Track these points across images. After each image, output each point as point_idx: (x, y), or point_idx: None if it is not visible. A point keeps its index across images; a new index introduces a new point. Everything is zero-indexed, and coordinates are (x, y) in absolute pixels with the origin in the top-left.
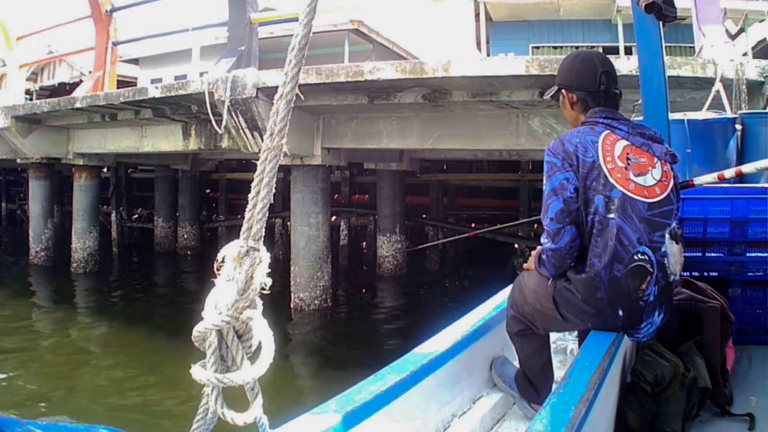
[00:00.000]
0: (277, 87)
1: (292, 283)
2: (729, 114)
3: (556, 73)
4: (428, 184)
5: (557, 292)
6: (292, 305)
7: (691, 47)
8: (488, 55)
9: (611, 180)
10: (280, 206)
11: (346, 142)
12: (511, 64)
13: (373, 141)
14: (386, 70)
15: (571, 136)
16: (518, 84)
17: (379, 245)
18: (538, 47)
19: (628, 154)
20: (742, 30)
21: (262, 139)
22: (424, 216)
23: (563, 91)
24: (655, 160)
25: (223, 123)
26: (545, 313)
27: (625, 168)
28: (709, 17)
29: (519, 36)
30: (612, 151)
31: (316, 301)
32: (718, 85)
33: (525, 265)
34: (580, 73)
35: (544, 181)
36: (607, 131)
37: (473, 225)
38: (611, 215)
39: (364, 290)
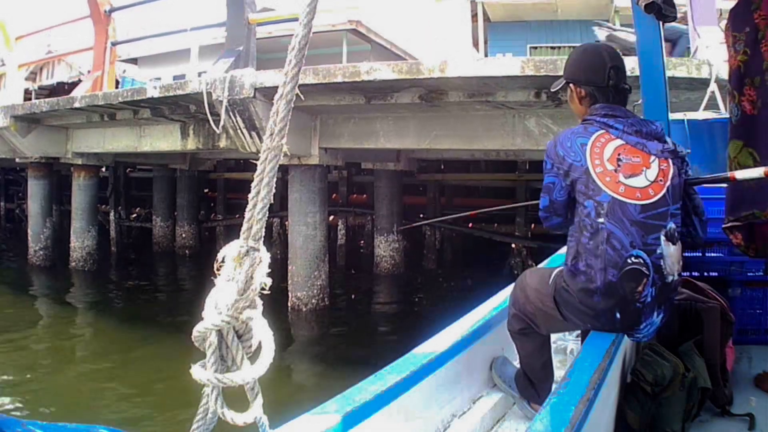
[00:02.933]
0: (274, 87)
1: (289, 282)
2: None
3: (551, 74)
4: (425, 183)
5: (557, 293)
6: (289, 304)
7: (686, 48)
8: (486, 55)
9: (599, 184)
10: (277, 206)
11: (344, 142)
12: (506, 64)
13: (370, 141)
14: (383, 71)
15: (564, 139)
16: (514, 84)
17: (376, 245)
18: (536, 47)
19: (619, 155)
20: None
21: (260, 139)
22: (421, 215)
23: (571, 85)
24: (651, 158)
25: (221, 123)
26: (547, 313)
27: (615, 170)
28: (705, 18)
29: (517, 36)
30: (601, 154)
31: (313, 300)
32: (713, 86)
33: None
34: (589, 67)
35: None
36: (601, 131)
37: (470, 225)
38: (601, 219)
39: (361, 289)
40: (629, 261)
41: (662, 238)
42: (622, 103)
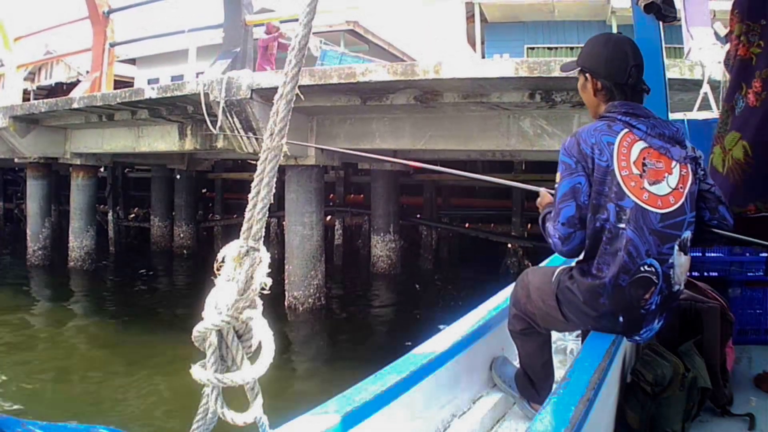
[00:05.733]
0: (271, 88)
1: (286, 281)
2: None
3: (544, 75)
4: (422, 184)
5: (560, 291)
6: (286, 303)
7: (680, 48)
8: (483, 56)
9: (624, 189)
10: (275, 206)
11: (340, 142)
12: (500, 66)
13: (366, 141)
14: (378, 72)
15: (587, 135)
16: (508, 86)
17: (373, 244)
18: (533, 48)
19: (644, 158)
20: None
21: (257, 140)
22: (418, 216)
23: (588, 75)
24: (673, 164)
25: (218, 123)
26: (548, 312)
27: (640, 175)
28: (698, 19)
29: (514, 37)
30: (628, 156)
31: (310, 300)
32: (705, 87)
33: (538, 201)
34: (611, 62)
35: (558, 180)
36: (626, 130)
37: (467, 225)
38: (622, 225)
39: (357, 289)
40: (642, 269)
41: (676, 247)
42: (638, 103)
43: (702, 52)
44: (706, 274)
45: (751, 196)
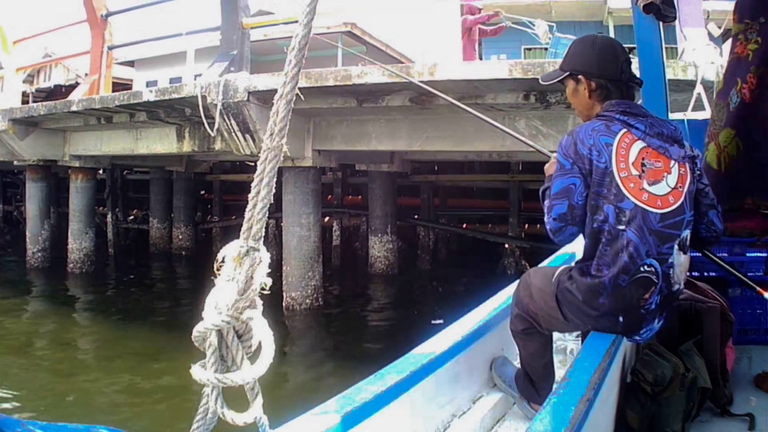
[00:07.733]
0: (268, 90)
1: (284, 282)
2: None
3: (538, 77)
4: (419, 185)
5: (560, 291)
6: (284, 304)
7: (674, 48)
8: (481, 57)
9: (623, 190)
10: (273, 207)
11: (337, 144)
12: (494, 67)
13: (363, 143)
14: (373, 74)
15: (584, 136)
16: (503, 87)
17: (371, 245)
18: (530, 49)
19: (643, 158)
20: (729, 30)
21: (254, 142)
22: (415, 216)
23: (581, 77)
24: (672, 163)
25: (216, 126)
26: (549, 313)
27: (639, 176)
28: (692, 20)
29: (511, 38)
30: (627, 157)
31: (307, 300)
32: (699, 88)
33: (546, 167)
34: (603, 59)
35: (553, 176)
36: (624, 130)
37: (464, 225)
38: (621, 227)
39: (355, 289)
40: (641, 269)
41: (675, 247)
42: (632, 99)
43: (695, 53)
44: (706, 274)
45: (746, 189)
